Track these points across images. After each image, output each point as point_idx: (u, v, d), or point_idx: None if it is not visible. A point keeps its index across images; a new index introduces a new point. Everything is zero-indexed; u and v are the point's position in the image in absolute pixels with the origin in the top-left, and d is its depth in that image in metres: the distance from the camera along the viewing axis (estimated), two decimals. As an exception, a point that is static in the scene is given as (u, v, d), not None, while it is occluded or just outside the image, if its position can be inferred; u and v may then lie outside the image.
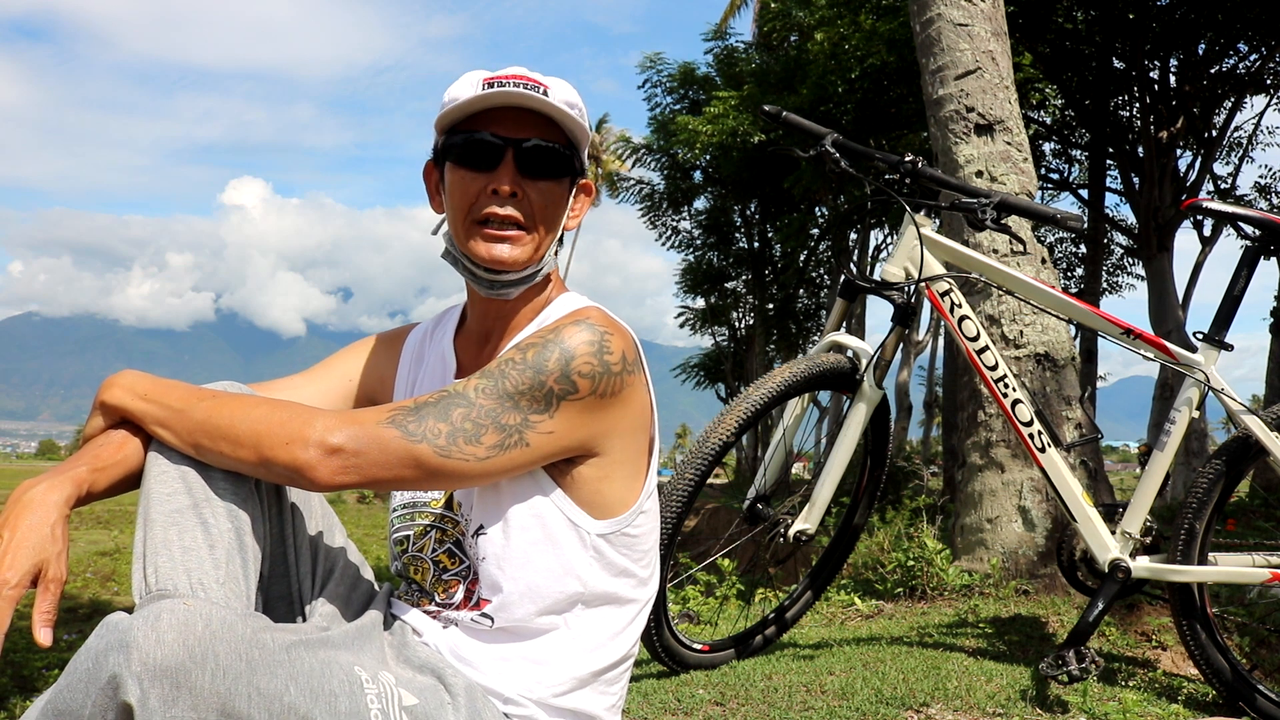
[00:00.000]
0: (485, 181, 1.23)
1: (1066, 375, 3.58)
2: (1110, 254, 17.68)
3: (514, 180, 1.23)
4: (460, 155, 1.25)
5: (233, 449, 1.11)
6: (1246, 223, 2.32)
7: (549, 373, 1.15)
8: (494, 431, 1.14)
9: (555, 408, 1.16)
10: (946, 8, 3.89)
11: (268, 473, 1.12)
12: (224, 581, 1.08)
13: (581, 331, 1.17)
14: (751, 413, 2.19)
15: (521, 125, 1.24)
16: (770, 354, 24.06)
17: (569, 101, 1.25)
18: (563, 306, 1.31)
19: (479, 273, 1.28)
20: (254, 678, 0.92)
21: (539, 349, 1.16)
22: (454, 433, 1.12)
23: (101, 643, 0.89)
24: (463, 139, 1.24)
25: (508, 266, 1.25)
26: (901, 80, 12.82)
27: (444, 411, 1.13)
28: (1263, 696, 2.11)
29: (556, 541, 1.22)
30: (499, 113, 1.24)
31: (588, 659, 1.24)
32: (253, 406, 1.13)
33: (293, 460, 1.09)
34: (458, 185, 1.26)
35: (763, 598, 3.61)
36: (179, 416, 1.13)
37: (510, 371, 1.15)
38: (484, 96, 1.21)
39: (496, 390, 1.14)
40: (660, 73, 20.81)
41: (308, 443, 1.09)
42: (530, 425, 1.15)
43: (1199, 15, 11.75)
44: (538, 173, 1.25)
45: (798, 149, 2.46)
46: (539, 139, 1.24)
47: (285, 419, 1.11)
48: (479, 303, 1.34)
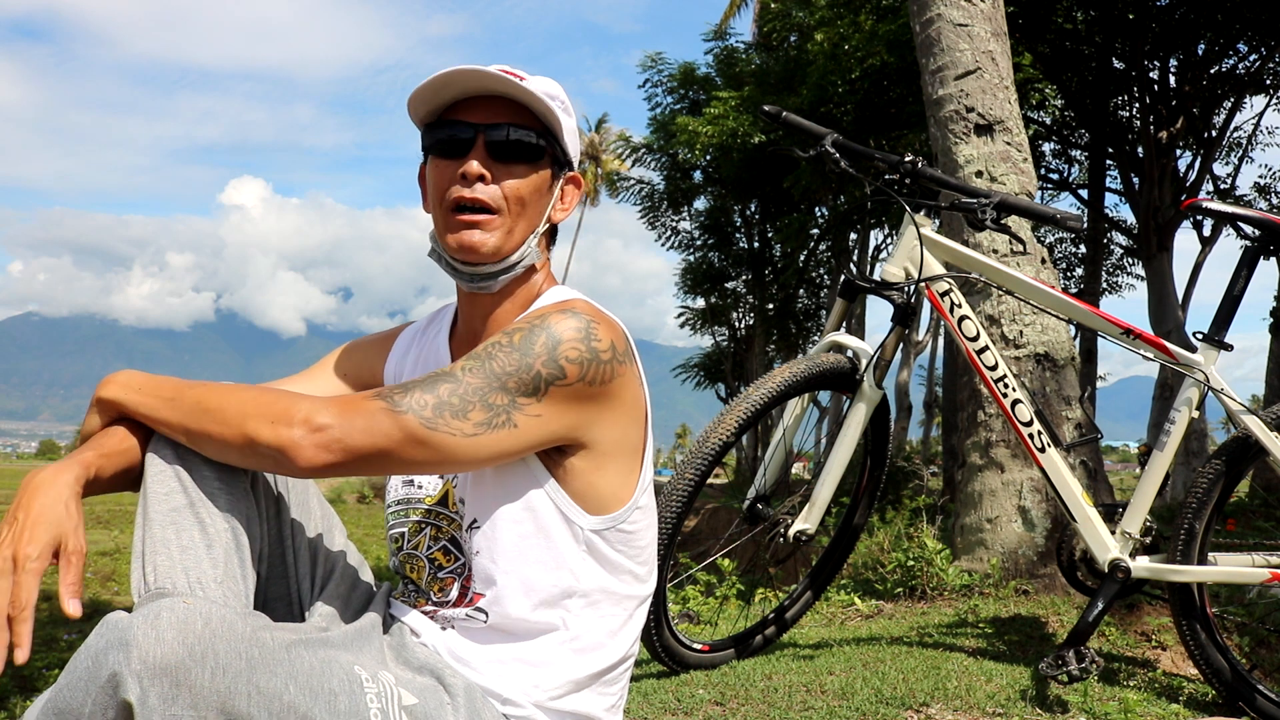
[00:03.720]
0: (457, 168, 1.24)
1: (1066, 375, 3.58)
2: (1110, 254, 17.69)
3: (484, 164, 1.23)
4: (436, 146, 1.27)
5: (219, 428, 1.10)
6: (1246, 223, 2.33)
7: (536, 356, 1.15)
8: (481, 409, 1.13)
9: (544, 392, 1.15)
10: (946, 8, 3.89)
11: (253, 454, 1.10)
12: (222, 580, 1.09)
13: (568, 319, 1.17)
14: (751, 413, 2.19)
15: (493, 113, 1.24)
16: (770, 354, 24.07)
17: (548, 92, 1.25)
18: (549, 298, 1.31)
19: (456, 264, 1.28)
20: (254, 676, 0.92)
21: (525, 333, 1.16)
22: (440, 405, 1.11)
23: (101, 641, 0.90)
24: (436, 131, 1.26)
25: (479, 254, 1.24)
26: (901, 80, 12.81)
27: (430, 386, 1.13)
28: (1262, 696, 2.11)
29: (549, 535, 1.22)
30: (472, 103, 1.25)
31: (586, 660, 1.24)
32: (242, 390, 1.15)
33: (276, 438, 1.08)
34: (434, 175, 1.27)
35: (763, 598, 3.61)
36: (170, 404, 1.14)
37: (497, 354, 1.15)
38: (447, 78, 1.22)
39: (483, 370, 1.14)
40: (660, 73, 20.84)
41: (293, 420, 1.08)
42: (518, 407, 1.14)
43: (1199, 15, 11.75)
44: (509, 157, 1.25)
45: (798, 149, 2.46)
46: (509, 124, 1.24)
47: (273, 399, 1.11)
48: (466, 300, 1.34)
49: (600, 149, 35.68)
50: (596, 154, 35.26)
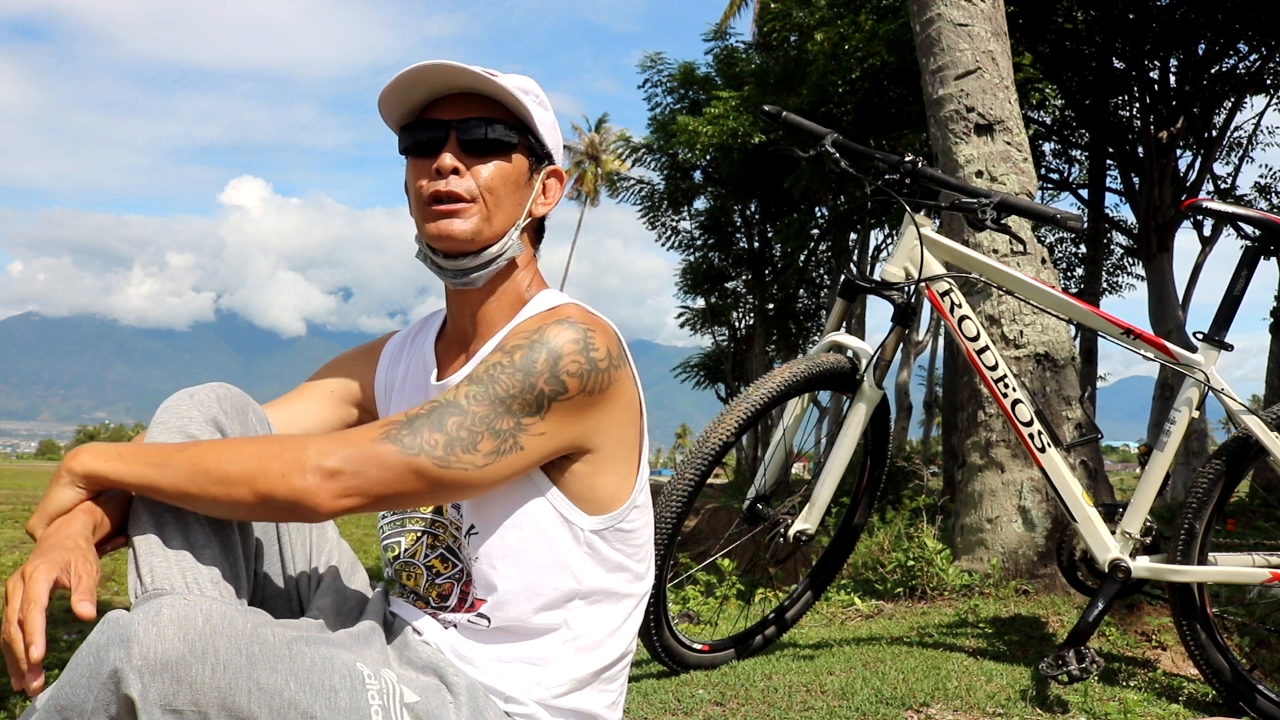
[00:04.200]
0: (431, 164, 1.25)
1: (1066, 375, 3.58)
2: (1110, 254, 17.69)
3: (457, 157, 1.24)
4: (411, 148, 1.28)
5: (225, 490, 1.07)
6: (1246, 223, 2.33)
7: (538, 374, 1.14)
8: (489, 437, 1.13)
9: (546, 409, 1.15)
10: (946, 8, 3.89)
11: (266, 510, 1.08)
12: (219, 580, 1.09)
13: (565, 330, 1.17)
14: (751, 413, 2.19)
15: (463, 108, 1.26)
16: (770, 354, 24.06)
17: (520, 87, 1.26)
18: (539, 304, 1.30)
19: (437, 258, 1.28)
20: (254, 672, 0.92)
21: (526, 350, 1.15)
22: (450, 442, 1.11)
23: (102, 638, 0.90)
24: (410, 131, 1.28)
25: (456, 240, 1.24)
26: (901, 80, 12.82)
27: (438, 422, 1.12)
28: (1263, 696, 2.11)
29: (550, 538, 1.22)
30: (444, 101, 1.26)
31: (587, 658, 1.24)
32: (238, 445, 1.10)
33: (291, 491, 1.06)
34: (411, 174, 1.28)
35: (763, 598, 3.61)
36: (161, 470, 1.08)
37: (500, 376, 1.14)
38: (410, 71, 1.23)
39: (488, 396, 1.14)
40: (660, 73, 20.83)
41: (304, 469, 1.06)
42: (523, 429, 1.15)
43: (1199, 15, 11.75)
44: (482, 150, 1.25)
45: (798, 149, 2.46)
46: (479, 118, 1.25)
47: (276, 450, 1.08)
48: (454, 299, 1.34)
49: (600, 149, 35.68)
50: (596, 154, 35.27)
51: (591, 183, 38.93)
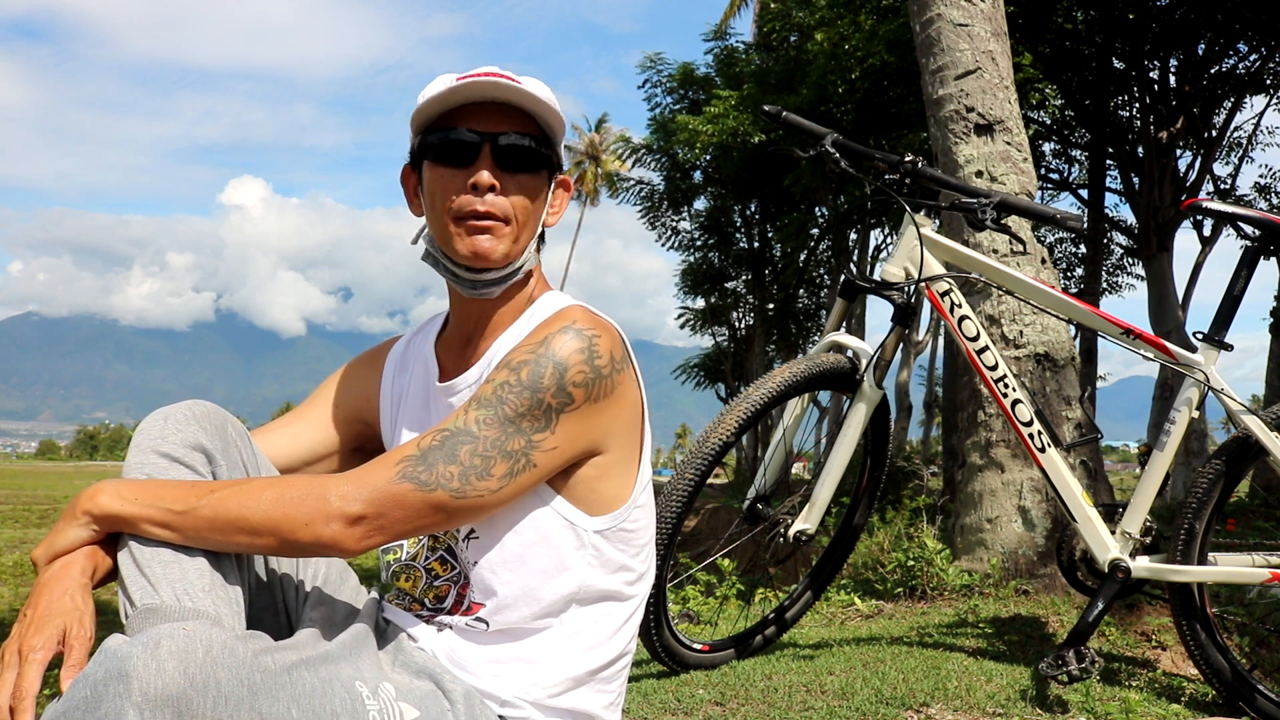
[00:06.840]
0: (464, 177, 1.22)
1: (1066, 375, 3.58)
2: (1110, 254, 17.69)
3: (493, 174, 1.22)
4: (437, 153, 1.24)
5: (250, 540, 1.09)
6: (1246, 223, 2.33)
7: (545, 389, 1.15)
8: (502, 461, 1.14)
9: (555, 422, 1.16)
10: (946, 8, 3.89)
11: (293, 553, 1.12)
12: (209, 589, 1.08)
13: (570, 339, 1.17)
14: (751, 413, 2.19)
15: (497, 120, 1.23)
16: (770, 354, 24.06)
17: (550, 99, 1.25)
18: (545, 307, 1.30)
19: (460, 272, 1.26)
20: (256, 702, 0.90)
21: (532, 366, 1.15)
22: (465, 472, 1.12)
23: (100, 671, 0.87)
24: (439, 137, 1.24)
25: (489, 261, 1.23)
26: (901, 80, 12.83)
27: (450, 453, 1.13)
28: (1263, 696, 2.11)
29: (552, 542, 1.21)
30: (474, 109, 1.23)
31: (584, 658, 1.24)
32: (260, 491, 1.10)
33: (317, 539, 1.09)
34: (436, 183, 1.25)
35: (763, 598, 3.61)
36: (182, 517, 1.08)
37: (508, 396, 1.14)
38: (457, 88, 1.21)
39: (498, 418, 1.14)
40: (660, 73, 20.85)
41: (329, 518, 1.09)
42: (534, 446, 1.15)
43: (1199, 15, 11.75)
44: (515, 166, 1.24)
45: (798, 149, 2.46)
46: (515, 132, 1.23)
47: (299, 498, 1.09)
48: (461, 305, 1.33)
49: (600, 149, 35.67)
50: (596, 154, 35.26)
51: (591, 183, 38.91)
